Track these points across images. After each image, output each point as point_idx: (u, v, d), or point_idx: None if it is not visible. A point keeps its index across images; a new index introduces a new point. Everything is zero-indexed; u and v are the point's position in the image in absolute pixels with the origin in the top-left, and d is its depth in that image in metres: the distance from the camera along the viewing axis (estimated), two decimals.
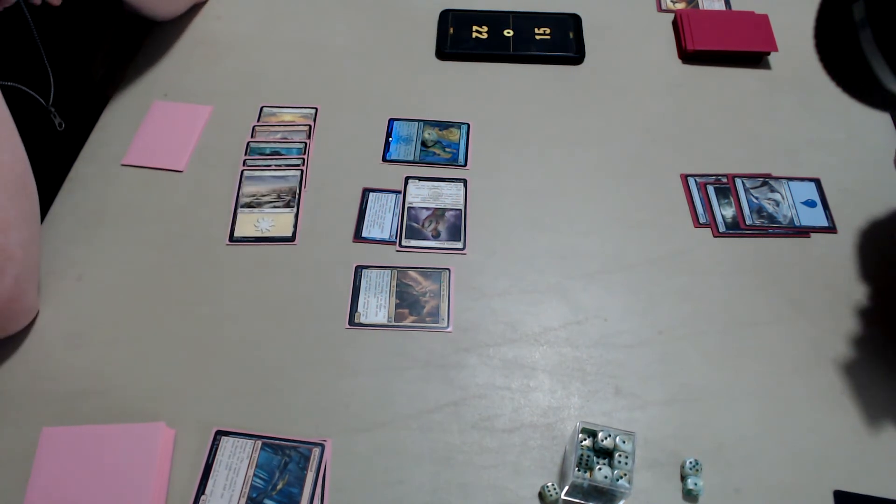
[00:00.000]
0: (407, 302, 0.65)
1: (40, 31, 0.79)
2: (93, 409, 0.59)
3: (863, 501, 0.55)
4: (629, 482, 0.52)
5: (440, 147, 0.77)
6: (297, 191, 0.73)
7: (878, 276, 0.68)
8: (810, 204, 0.73)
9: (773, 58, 0.86)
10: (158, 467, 0.54)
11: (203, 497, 0.54)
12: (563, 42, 0.87)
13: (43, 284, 0.65)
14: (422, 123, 0.80)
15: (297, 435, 0.57)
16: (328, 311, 0.65)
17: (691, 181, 0.75)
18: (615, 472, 0.52)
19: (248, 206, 0.72)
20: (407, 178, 0.74)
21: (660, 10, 0.93)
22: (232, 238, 0.70)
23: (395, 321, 0.64)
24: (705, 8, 0.92)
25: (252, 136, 0.78)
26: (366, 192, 0.73)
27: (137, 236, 0.70)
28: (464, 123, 0.80)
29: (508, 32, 0.88)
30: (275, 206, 0.72)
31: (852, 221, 0.71)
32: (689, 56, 0.86)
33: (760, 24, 0.87)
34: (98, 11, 0.85)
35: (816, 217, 0.72)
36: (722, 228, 0.71)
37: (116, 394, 0.60)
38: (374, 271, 0.67)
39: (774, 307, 0.66)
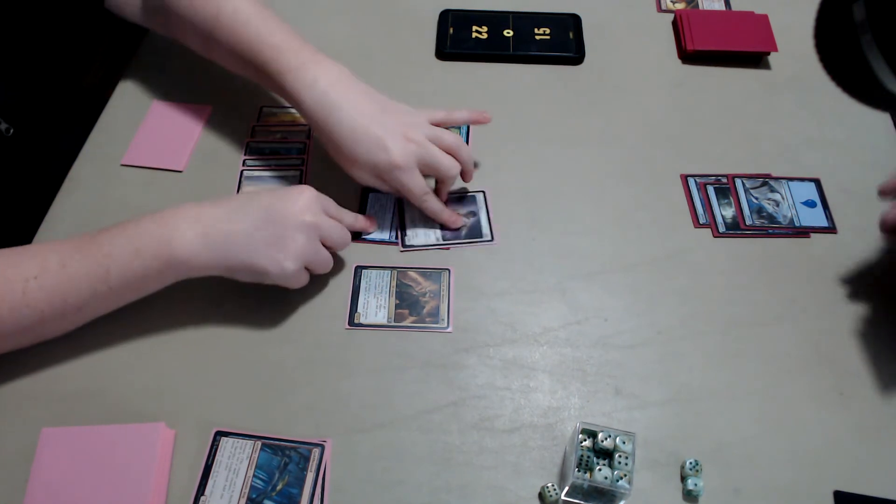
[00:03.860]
0: (407, 302, 0.65)
1: (38, 31, 0.79)
2: (93, 409, 0.59)
3: (863, 501, 0.55)
4: (629, 483, 0.52)
5: None
6: None
7: (878, 276, 0.68)
8: (810, 204, 0.73)
9: (773, 58, 0.86)
10: (158, 468, 0.54)
11: (203, 498, 0.54)
12: (563, 42, 0.87)
13: None
14: None
15: (296, 435, 0.57)
16: (328, 311, 0.65)
17: (691, 181, 0.75)
18: (615, 472, 0.52)
19: None
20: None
21: (660, 10, 0.93)
22: None
23: (395, 321, 0.64)
24: (705, 8, 0.92)
25: (252, 136, 0.78)
26: (366, 192, 0.73)
27: None
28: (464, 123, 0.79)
29: (508, 32, 0.88)
30: None
31: (852, 221, 0.71)
32: (689, 56, 0.86)
33: (760, 24, 0.87)
34: (96, 11, 0.85)
35: (816, 217, 0.72)
36: (722, 229, 0.71)
37: (116, 394, 0.60)
38: (374, 271, 0.67)
39: (774, 307, 0.66)
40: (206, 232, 0.57)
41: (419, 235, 0.70)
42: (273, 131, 0.79)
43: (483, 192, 0.73)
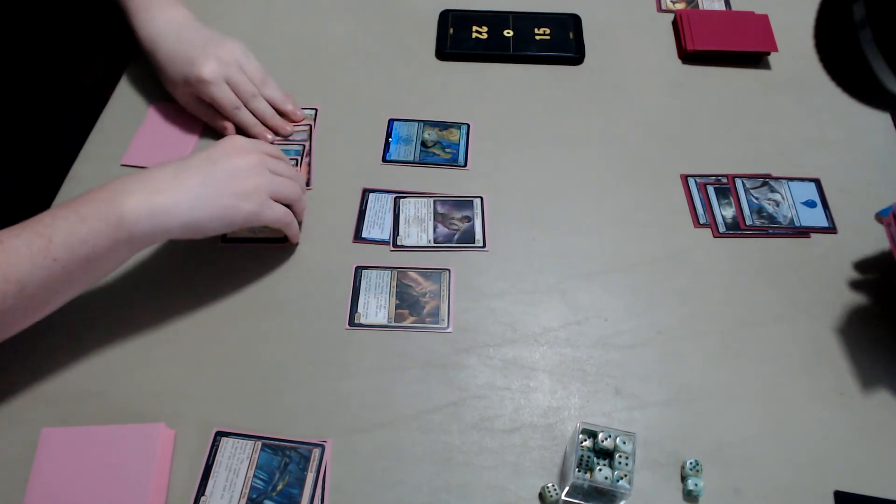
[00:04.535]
0: (407, 302, 0.65)
1: (38, 31, 0.79)
2: (93, 410, 0.59)
3: (863, 502, 0.55)
4: (630, 483, 0.52)
5: (440, 147, 0.77)
6: None
7: (878, 276, 0.68)
8: (810, 204, 0.73)
9: (773, 58, 0.86)
10: (158, 468, 0.54)
11: (203, 498, 0.54)
12: (563, 42, 0.87)
13: None
14: (422, 124, 0.79)
15: (296, 435, 0.57)
16: (328, 312, 0.65)
17: (691, 181, 0.75)
18: (615, 472, 0.52)
19: None
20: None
21: (660, 10, 0.93)
22: (232, 238, 0.70)
23: (395, 322, 0.64)
24: (705, 8, 0.92)
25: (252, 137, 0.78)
26: (366, 192, 0.73)
27: None
28: (464, 124, 0.79)
29: (508, 32, 0.88)
30: None
31: (852, 221, 0.71)
32: (689, 56, 0.86)
33: (760, 24, 0.87)
34: (95, 10, 0.86)
35: (816, 217, 0.72)
36: (722, 229, 0.71)
37: (116, 394, 0.60)
38: (374, 272, 0.67)
39: (774, 307, 0.66)
40: (157, 190, 0.56)
41: (411, 236, 0.70)
42: None
43: (481, 197, 0.73)
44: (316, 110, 0.80)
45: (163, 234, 0.57)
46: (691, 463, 0.56)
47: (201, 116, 0.77)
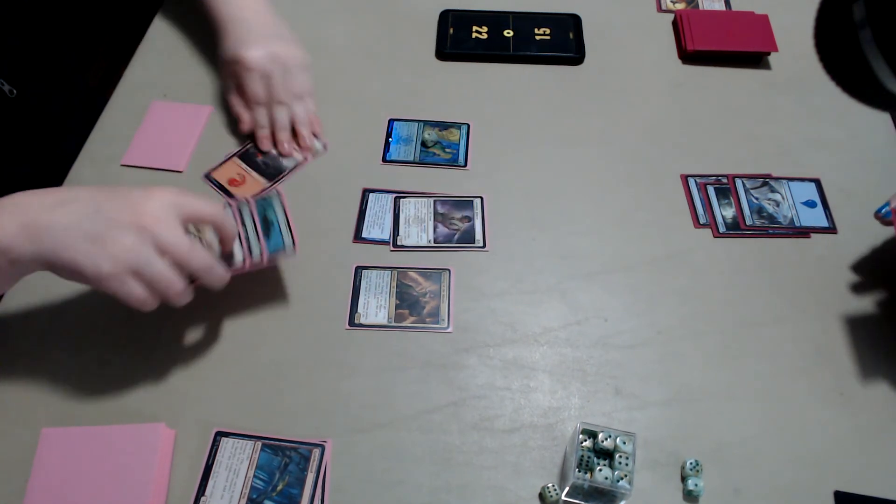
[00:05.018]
0: (407, 302, 0.65)
1: (37, 28, 0.79)
2: (93, 409, 0.59)
3: (863, 502, 0.55)
4: (630, 483, 0.52)
5: (440, 147, 0.77)
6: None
7: (878, 276, 0.68)
8: (810, 204, 0.73)
9: (773, 58, 0.86)
10: (158, 468, 0.54)
11: (203, 498, 0.54)
12: (563, 42, 0.87)
13: (43, 285, 0.65)
14: (422, 124, 0.79)
15: (296, 436, 0.57)
16: (328, 312, 0.65)
17: (691, 181, 0.75)
18: (616, 472, 0.52)
19: None
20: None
21: (660, 10, 0.93)
22: None
23: (396, 321, 0.64)
24: (705, 8, 0.92)
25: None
26: (366, 192, 0.73)
27: None
28: (464, 124, 0.79)
29: (508, 33, 0.88)
30: None
31: (852, 221, 0.71)
32: (689, 56, 0.86)
33: (760, 24, 0.87)
34: (95, 11, 0.86)
35: (816, 217, 0.72)
36: (722, 229, 0.71)
37: (116, 394, 0.60)
38: (374, 272, 0.67)
39: (774, 307, 0.66)
40: (27, 221, 0.51)
41: (411, 236, 0.70)
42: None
43: (481, 197, 0.73)
44: (324, 144, 0.79)
45: (29, 268, 0.52)
46: (691, 463, 0.56)
47: (230, 100, 0.77)
